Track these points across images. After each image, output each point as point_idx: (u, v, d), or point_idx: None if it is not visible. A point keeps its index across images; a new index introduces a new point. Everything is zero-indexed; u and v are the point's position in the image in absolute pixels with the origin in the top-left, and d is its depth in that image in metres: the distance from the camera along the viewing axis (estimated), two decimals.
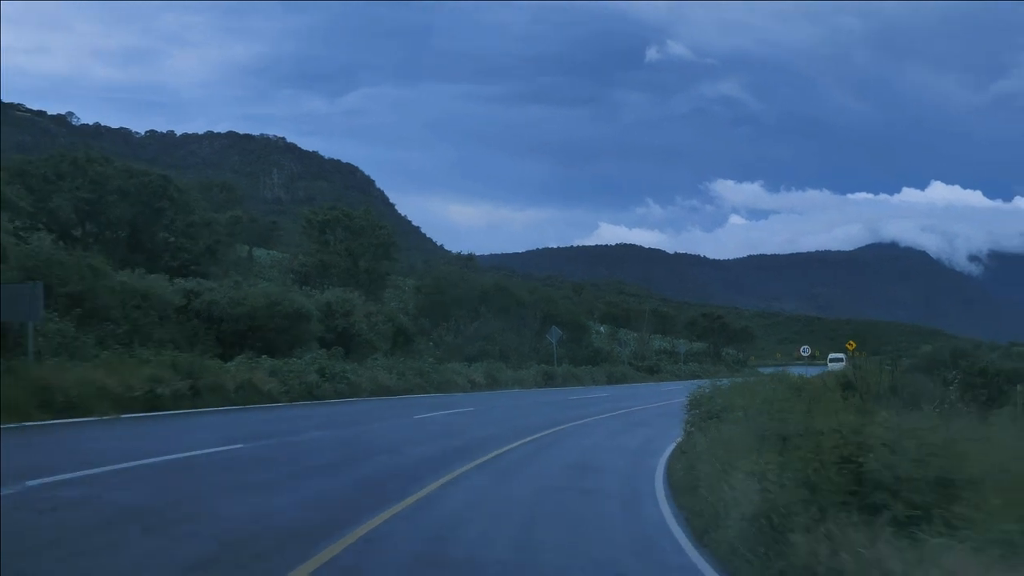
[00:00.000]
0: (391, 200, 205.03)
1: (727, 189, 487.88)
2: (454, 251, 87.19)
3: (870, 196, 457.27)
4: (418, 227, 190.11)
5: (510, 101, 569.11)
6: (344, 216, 50.41)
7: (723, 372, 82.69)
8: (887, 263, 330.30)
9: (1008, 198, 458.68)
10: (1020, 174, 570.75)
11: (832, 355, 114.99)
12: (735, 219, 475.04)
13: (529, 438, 16.94)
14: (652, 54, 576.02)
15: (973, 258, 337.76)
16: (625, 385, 53.18)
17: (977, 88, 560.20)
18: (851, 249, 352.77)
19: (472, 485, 10.39)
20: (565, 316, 56.77)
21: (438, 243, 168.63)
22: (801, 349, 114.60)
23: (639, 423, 24.46)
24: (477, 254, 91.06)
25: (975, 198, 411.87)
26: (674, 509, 9.65)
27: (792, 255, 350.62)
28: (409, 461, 12.38)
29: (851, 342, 77.09)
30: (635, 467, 13.68)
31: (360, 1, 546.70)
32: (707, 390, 15.69)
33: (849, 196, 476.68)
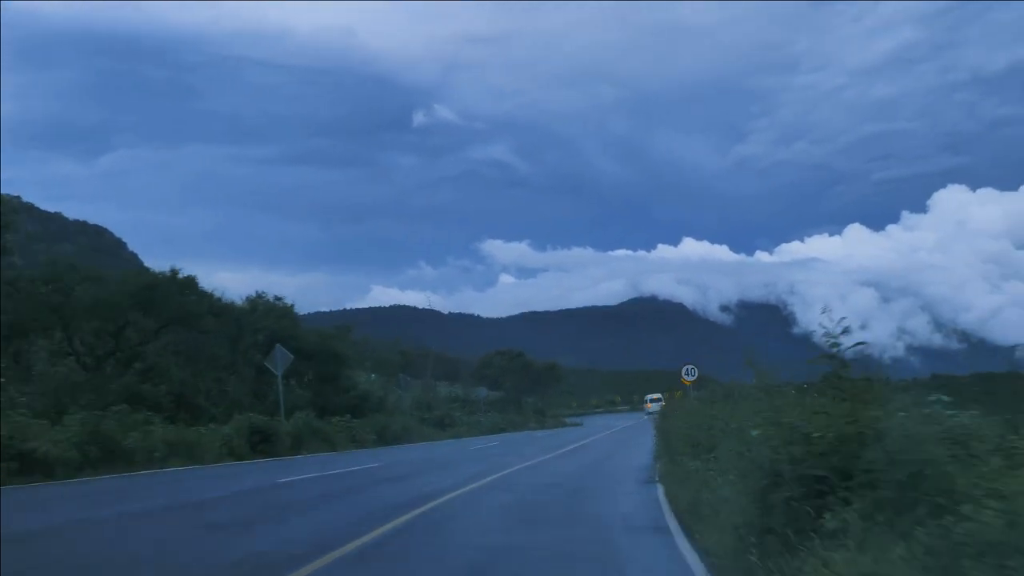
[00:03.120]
0: (146, 264, 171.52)
1: (497, 248, 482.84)
2: None
3: (630, 252, 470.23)
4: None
5: (277, 163, 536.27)
6: None
7: (532, 424, 63.65)
8: (649, 315, 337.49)
9: (751, 252, 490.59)
10: (759, 230, 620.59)
11: (648, 396, 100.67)
12: (506, 278, 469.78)
13: None
14: (420, 118, 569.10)
15: (724, 308, 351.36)
16: (406, 447, 32.37)
17: (720, 152, 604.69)
18: (616, 303, 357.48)
19: None
20: (311, 347, 34.97)
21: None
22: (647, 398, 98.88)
23: None
24: None
25: (722, 252, 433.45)
26: None
27: (562, 311, 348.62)
28: None
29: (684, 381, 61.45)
30: None
31: (118, 61, 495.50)
32: None
33: (611, 253, 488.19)
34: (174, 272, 28.08)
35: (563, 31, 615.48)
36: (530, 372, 66.40)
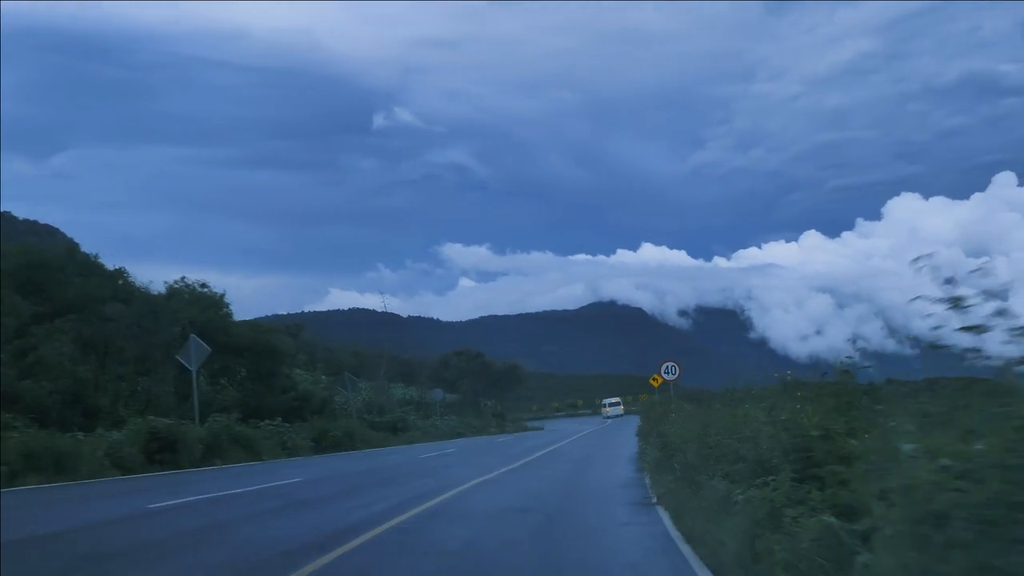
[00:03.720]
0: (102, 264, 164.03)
1: (456, 252, 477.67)
2: None
3: (589, 257, 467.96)
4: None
5: (235, 165, 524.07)
6: None
7: (492, 428, 59.57)
8: (608, 320, 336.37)
9: (708, 258, 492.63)
10: (717, 236, 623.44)
11: (607, 400, 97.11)
12: (465, 282, 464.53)
13: None
14: (380, 121, 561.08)
15: (682, 312, 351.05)
16: (346, 456, 28.29)
17: (679, 158, 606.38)
18: (575, 308, 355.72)
19: None
20: (244, 341, 30.54)
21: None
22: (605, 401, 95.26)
23: None
24: None
25: (681, 258, 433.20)
26: None
27: (521, 315, 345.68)
28: None
29: (657, 376, 57.93)
30: None
31: (73, 59, 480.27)
32: None
33: (570, 257, 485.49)
34: (71, 249, 23.52)
35: (523, 36, 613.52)
36: (489, 374, 62.34)
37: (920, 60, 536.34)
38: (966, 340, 4.04)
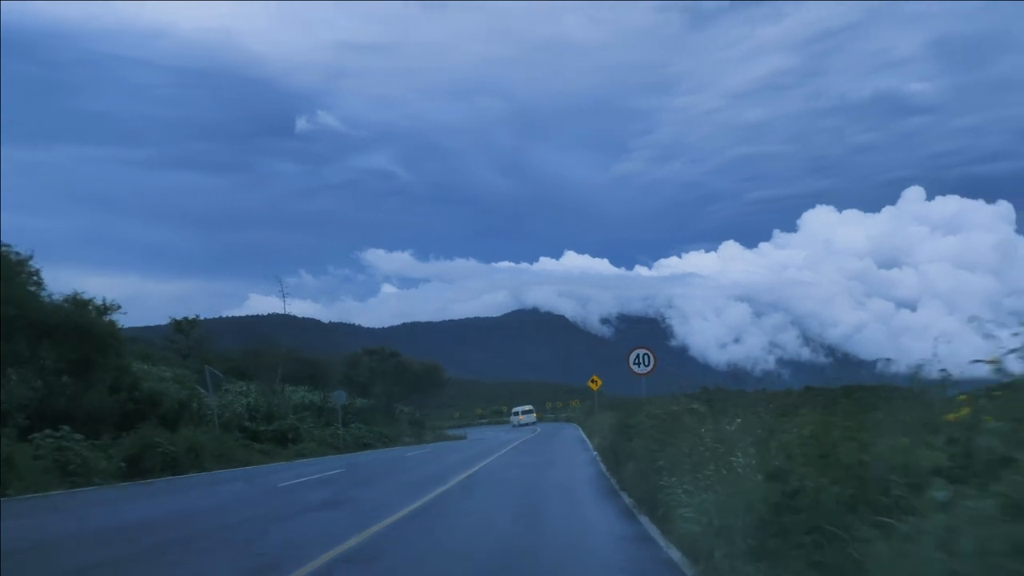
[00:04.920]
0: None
1: (379, 258, 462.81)
2: None
3: (513, 265, 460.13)
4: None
5: (153, 166, 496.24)
6: None
7: (407, 437, 50.84)
8: (531, 327, 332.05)
9: (630, 267, 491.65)
10: (639, 245, 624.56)
11: (519, 408, 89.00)
12: (387, 288, 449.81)
13: None
14: (303, 124, 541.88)
15: (604, 320, 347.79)
16: (161, 485, 19.34)
17: (602, 168, 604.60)
18: (498, 315, 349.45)
19: None
20: (54, 320, 21.36)
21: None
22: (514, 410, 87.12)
23: None
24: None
25: (603, 266, 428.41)
26: None
27: (444, 322, 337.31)
28: None
29: (595, 379, 50.84)
30: None
31: None
32: None
33: (494, 265, 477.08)
34: None
35: (449, 43, 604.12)
36: (406, 376, 53.73)
37: (834, 78, 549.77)
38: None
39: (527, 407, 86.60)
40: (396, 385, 54.03)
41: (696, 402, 11.74)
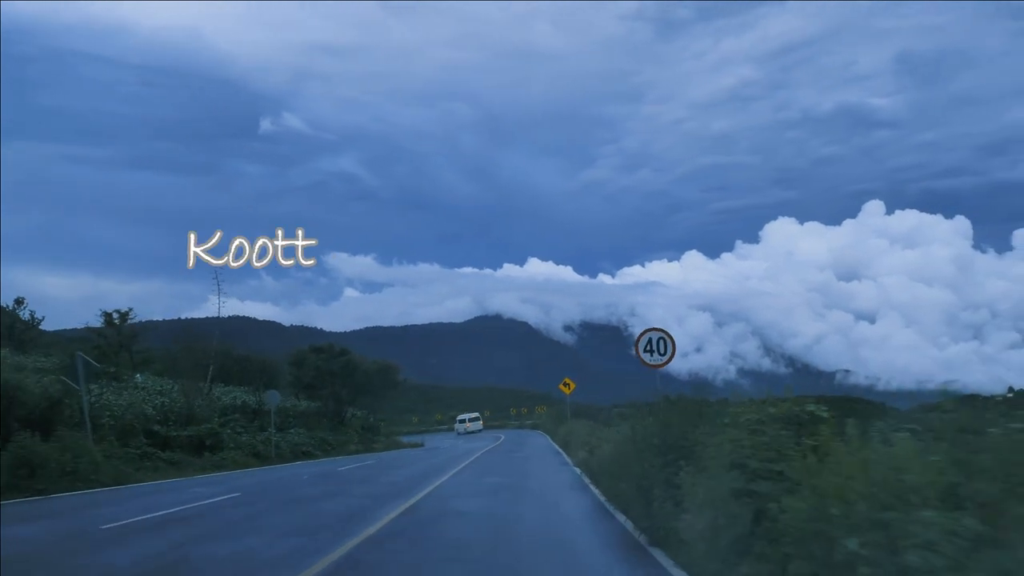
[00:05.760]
0: None
1: (341, 262, 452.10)
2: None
3: (476, 270, 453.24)
4: None
5: (115, 165, 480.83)
6: None
7: (353, 445, 44.81)
8: (494, 333, 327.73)
9: (594, 275, 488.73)
10: (603, 253, 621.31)
11: (466, 415, 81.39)
12: (350, 292, 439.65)
13: None
14: (267, 125, 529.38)
15: (568, 328, 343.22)
16: None
17: (568, 176, 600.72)
18: (461, 321, 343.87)
19: None
20: None
21: (23, 318, 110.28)
22: (459, 418, 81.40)
23: None
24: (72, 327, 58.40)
25: (567, 274, 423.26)
26: None
27: (407, 327, 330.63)
28: None
29: (568, 381, 45.44)
30: None
31: None
32: None
33: (457, 270, 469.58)
34: None
35: (417, 47, 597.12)
36: (357, 376, 47.71)
37: (799, 90, 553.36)
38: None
39: (473, 414, 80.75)
40: (345, 386, 47.93)
41: (812, 403, 6.30)
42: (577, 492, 14.64)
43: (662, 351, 13.37)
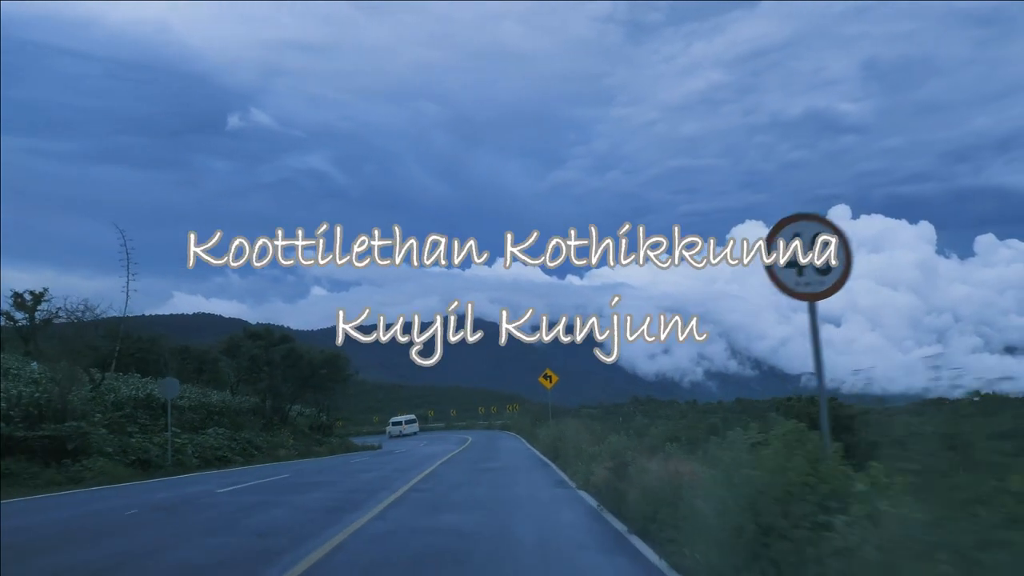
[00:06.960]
0: None
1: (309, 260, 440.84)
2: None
3: (444, 270, 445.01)
4: None
5: (79, 159, 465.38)
6: None
7: (284, 450, 36.97)
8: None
9: (563, 276, 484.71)
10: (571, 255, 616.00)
11: (401, 417, 69.07)
12: (317, 290, 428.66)
13: None
14: (235, 121, 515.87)
15: (535, 328, 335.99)
16: None
17: (538, 176, 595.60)
18: (429, 320, 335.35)
19: None
20: None
21: None
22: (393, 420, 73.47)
23: None
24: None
25: (536, 274, 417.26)
26: None
27: (374, 325, 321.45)
28: None
29: (549, 373, 38.19)
30: None
31: None
32: None
33: (425, 269, 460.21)
34: None
35: (388, 46, 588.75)
36: (300, 366, 40.00)
37: (768, 95, 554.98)
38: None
39: (409, 416, 72.22)
40: (287, 379, 40.18)
41: None
42: (619, 558, 7.40)
43: (826, 267, 6.15)
